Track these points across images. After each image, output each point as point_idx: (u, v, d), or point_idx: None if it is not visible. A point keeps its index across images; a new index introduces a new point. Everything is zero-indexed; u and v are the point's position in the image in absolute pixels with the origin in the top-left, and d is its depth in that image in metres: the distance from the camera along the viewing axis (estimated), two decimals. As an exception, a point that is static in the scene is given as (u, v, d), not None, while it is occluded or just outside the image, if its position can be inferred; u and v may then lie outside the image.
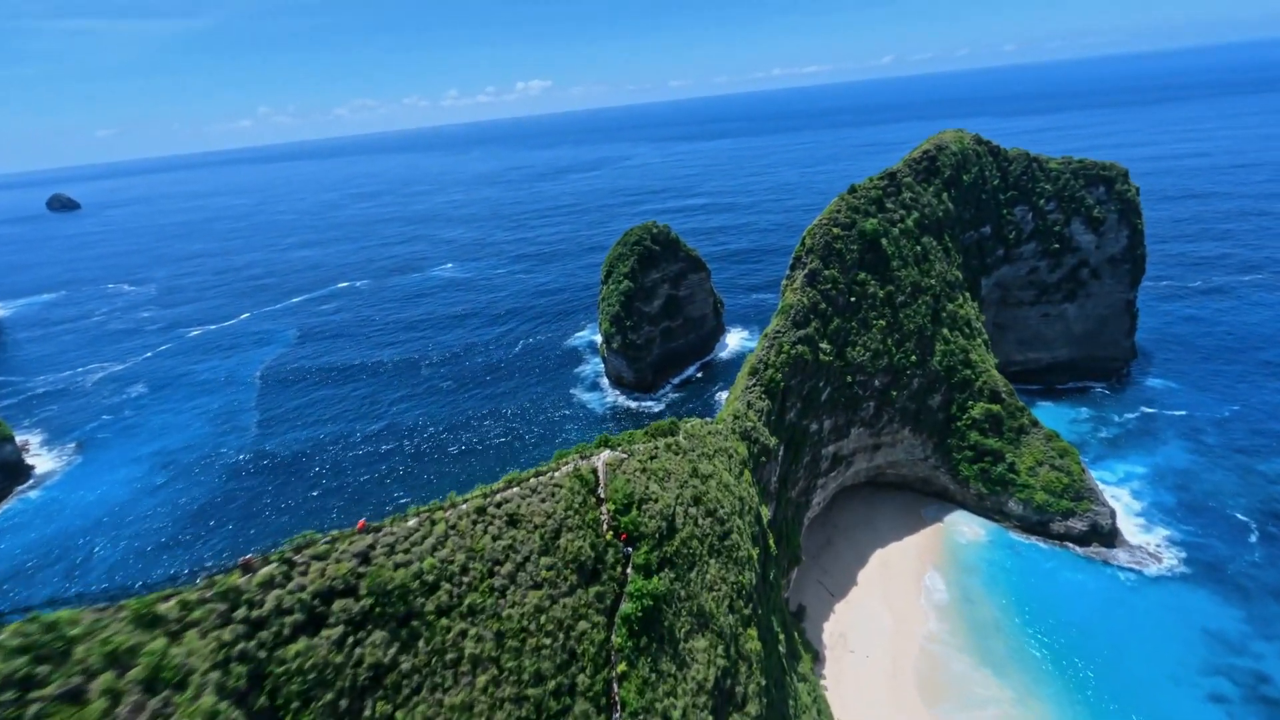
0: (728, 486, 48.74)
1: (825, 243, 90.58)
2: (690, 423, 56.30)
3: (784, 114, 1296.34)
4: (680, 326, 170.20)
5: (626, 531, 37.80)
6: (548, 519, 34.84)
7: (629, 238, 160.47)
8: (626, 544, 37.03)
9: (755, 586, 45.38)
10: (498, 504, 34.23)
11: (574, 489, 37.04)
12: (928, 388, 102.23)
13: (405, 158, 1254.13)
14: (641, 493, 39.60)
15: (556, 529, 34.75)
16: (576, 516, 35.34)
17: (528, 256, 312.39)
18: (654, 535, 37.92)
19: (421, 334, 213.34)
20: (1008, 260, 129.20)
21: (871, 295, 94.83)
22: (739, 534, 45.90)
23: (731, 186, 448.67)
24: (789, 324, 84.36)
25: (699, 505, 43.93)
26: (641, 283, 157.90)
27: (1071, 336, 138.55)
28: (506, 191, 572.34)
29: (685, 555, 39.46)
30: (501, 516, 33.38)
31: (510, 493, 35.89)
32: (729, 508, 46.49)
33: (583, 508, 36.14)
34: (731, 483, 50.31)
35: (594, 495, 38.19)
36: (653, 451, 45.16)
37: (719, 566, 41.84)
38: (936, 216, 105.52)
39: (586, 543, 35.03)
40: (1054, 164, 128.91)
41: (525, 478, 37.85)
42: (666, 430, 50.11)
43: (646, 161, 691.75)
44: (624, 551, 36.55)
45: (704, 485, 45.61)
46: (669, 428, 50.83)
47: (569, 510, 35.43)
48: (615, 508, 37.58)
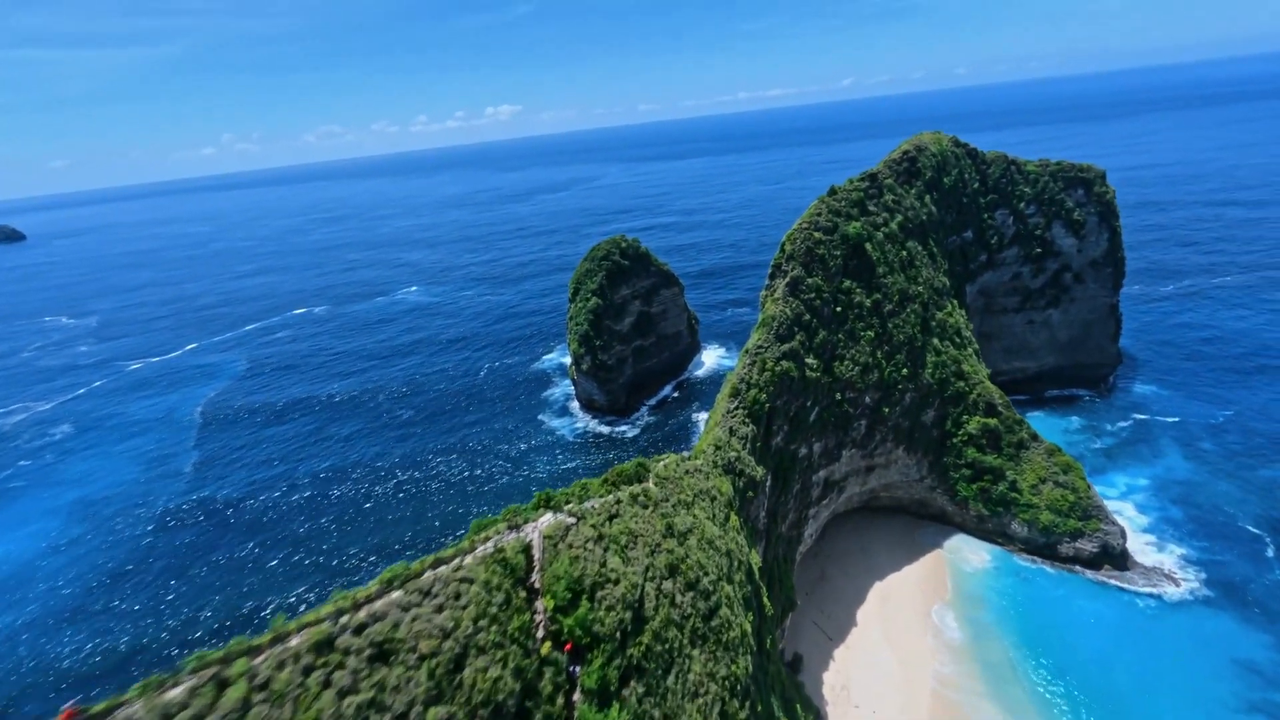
0: (712, 542, 38.76)
1: (807, 248, 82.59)
2: (663, 461, 46.44)
3: (750, 134, 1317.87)
4: (653, 345, 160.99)
5: (572, 639, 27.01)
6: (444, 640, 23.62)
7: (596, 252, 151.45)
8: (572, 659, 26.58)
9: (750, 674, 35.17)
10: (359, 628, 22.59)
11: (492, 582, 25.79)
12: (921, 403, 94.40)
13: (373, 183, 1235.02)
14: (595, 573, 28.97)
15: (459, 654, 23.37)
16: (494, 628, 23.78)
17: (495, 278, 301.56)
18: (613, 636, 27.09)
19: (381, 362, 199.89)
20: (990, 266, 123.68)
21: (858, 304, 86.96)
22: (729, 605, 35.90)
23: (702, 204, 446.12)
24: (772, 338, 75.60)
25: (676, 577, 33.41)
26: (611, 300, 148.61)
27: (1057, 343, 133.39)
28: (474, 213, 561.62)
29: (659, 654, 28.83)
30: (363, 649, 22.11)
31: (386, 602, 24.15)
32: (715, 572, 36.41)
33: (504, 611, 24.72)
34: (717, 535, 40.41)
35: (523, 587, 27.48)
36: (612, 508, 34.62)
37: (705, 658, 31.55)
38: (920, 220, 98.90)
39: (508, 670, 23.86)
40: (1032, 166, 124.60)
41: (416, 571, 26.41)
42: (631, 476, 39.74)
43: (616, 181, 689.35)
44: (568, 671, 25.34)
45: (682, 547, 35.34)
46: (634, 472, 40.44)
47: (481, 619, 24.16)
48: (555, 603, 26.96)
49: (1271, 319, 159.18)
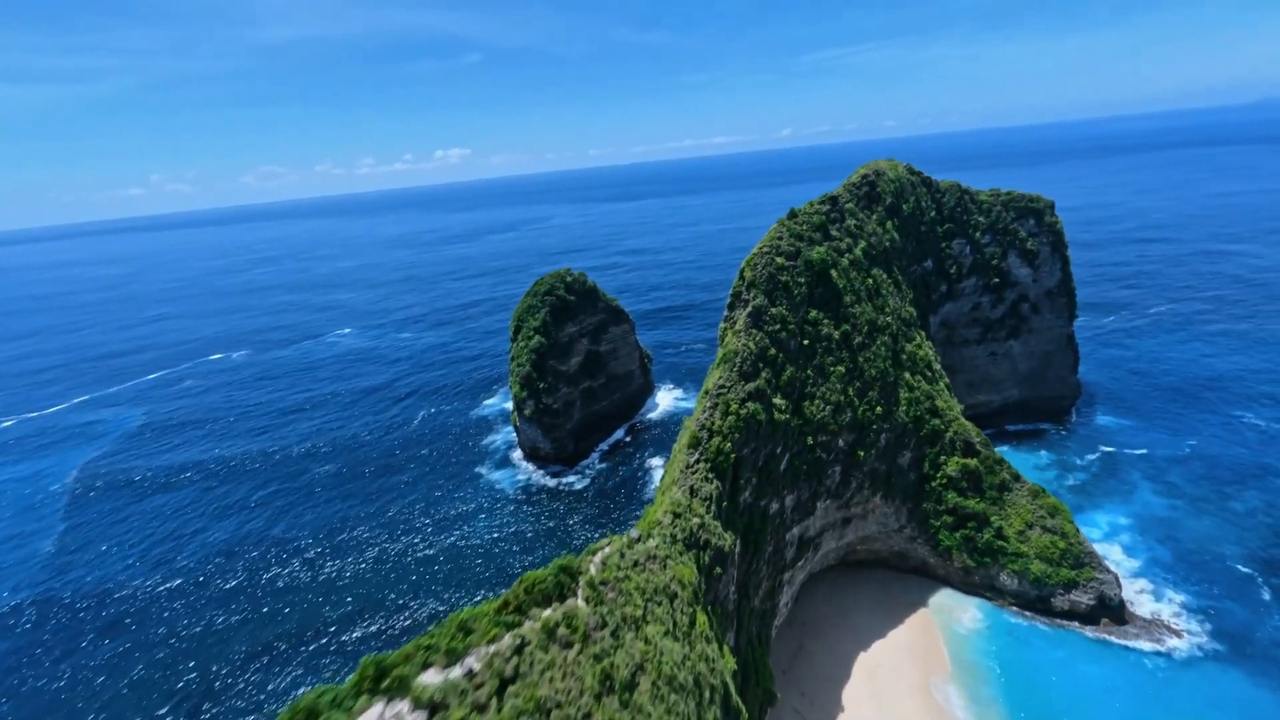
0: (673, 680, 26.65)
1: (769, 274, 73.93)
2: (600, 553, 34.31)
3: (697, 177, 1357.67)
4: (603, 386, 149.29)
5: None
6: None
7: (539, 287, 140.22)
8: None
9: None
10: None
11: None
12: (896, 444, 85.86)
13: (314, 223, 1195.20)
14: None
15: None
16: None
17: (437, 318, 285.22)
18: None
19: (301, 415, 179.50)
20: (951, 296, 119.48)
21: (826, 337, 78.46)
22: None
23: (652, 243, 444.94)
24: (735, 376, 65.44)
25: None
26: (556, 338, 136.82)
27: (1019, 375, 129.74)
28: (419, 253, 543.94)
29: None
30: None
31: None
32: (680, 726, 24.60)
33: None
34: (679, 656, 28.52)
35: None
36: (508, 661, 21.74)
37: None
38: (884, 247, 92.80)
39: None
40: (984, 196, 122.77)
41: None
42: (550, 591, 26.61)
43: (566, 222, 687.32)
44: None
45: (626, 711, 22.99)
46: (554, 584, 27.14)
47: None
48: None
49: (1206, 346, 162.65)
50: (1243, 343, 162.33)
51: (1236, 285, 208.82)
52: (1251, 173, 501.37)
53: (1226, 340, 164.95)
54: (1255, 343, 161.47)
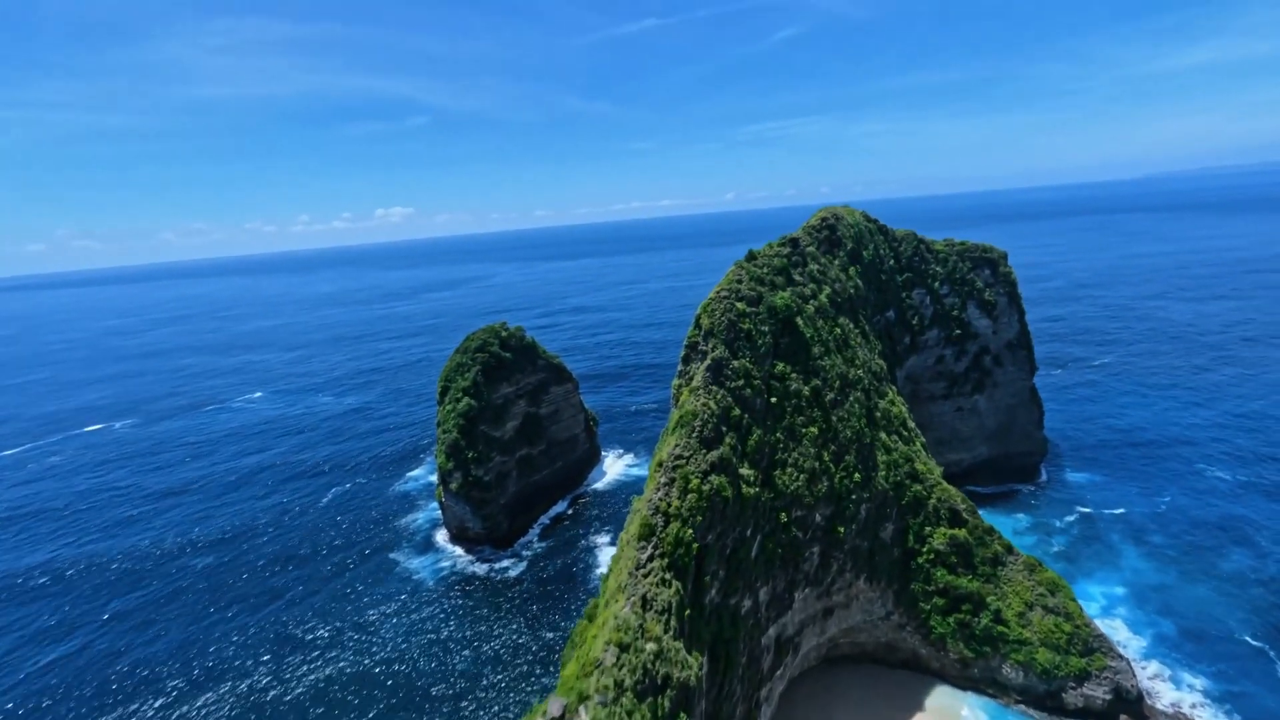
0: None
1: (729, 322, 64.92)
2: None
3: (644, 237, 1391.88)
4: (543, 453, 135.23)
5: None
6: None
7: (470, 343, 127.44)
8: None
9: None
10: None
11: None
12: (878, 515, 76.24)
13: (239, 280, 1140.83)
14: None
15: None
16: None
17: (363, 379, 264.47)
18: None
19: (185, 499, 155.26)
20: (915, 349, 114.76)
21: (795, 393, 69.36)
22: None
23: (599, 300, 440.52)
24: (694, 443, 54.62)
25: None
26: (488, 400, 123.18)
27: (986, 432, 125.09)
28: (351, 311, 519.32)
29: None
30: None
31: None
32: None
33: None
34: None
35: None
36: None
37: None
38: (848, 294, 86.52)
39: None
40: (939, 246, 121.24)
41: None
42: None
43: (510, 280, 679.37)
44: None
45: None
46: None
47: None
48: None
49: (1156, 397, 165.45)
50: (1187, 392, 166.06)
51: (1167, 337, 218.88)
52: (1155, 237, 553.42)
53: (1172, 390, 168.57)
54: (1198, 392, 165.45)
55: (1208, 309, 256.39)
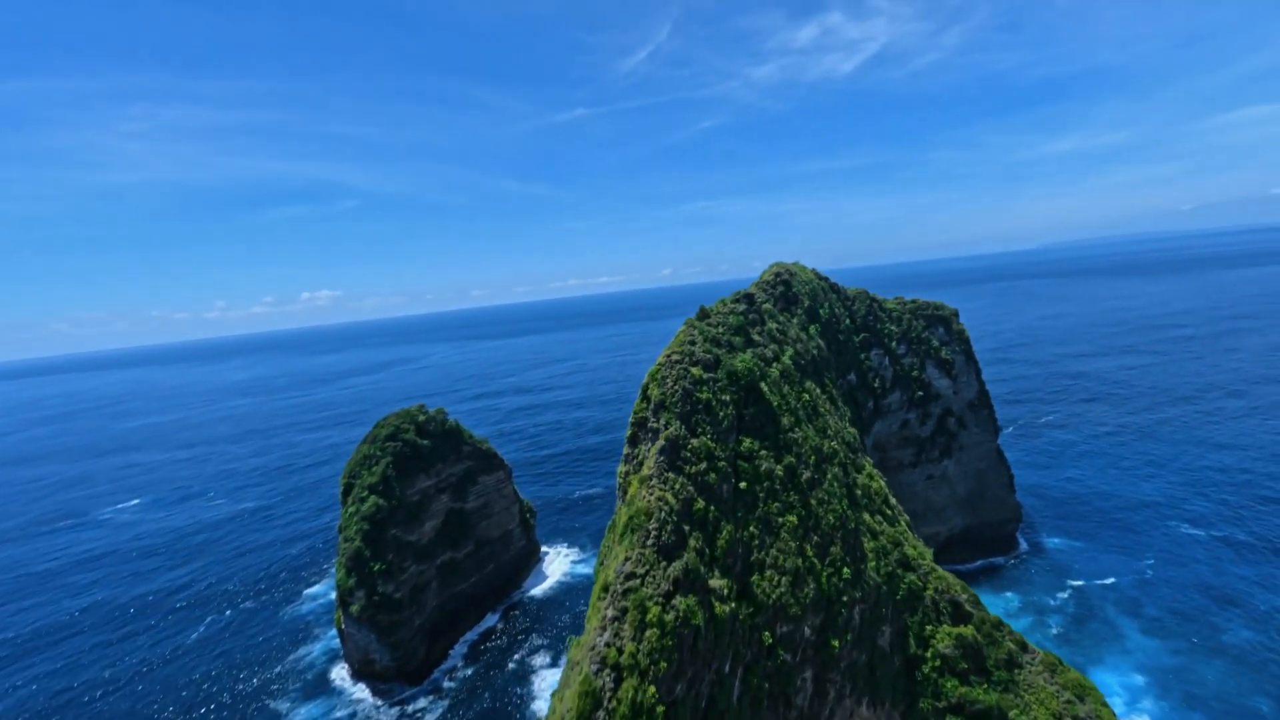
0: None
1: (684, 391, 53.64)
2: None
3: (584, 313, 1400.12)
4: (470, 556, 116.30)
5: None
6: None
7: (379, 431, 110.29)
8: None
9: None
10: None
11: None
12: (873, 618, 63.74)
13: (136, 372, 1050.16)
14: None
15: None
16: None
17: (267, 478, 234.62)
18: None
19: (9, 651, 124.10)
20: (879, 414, 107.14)
21: (768, 474, 57.81)
22: None
23: (538, 379, 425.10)
24: (650, 553, 41.45)
25: None
26: (402, 497, 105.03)
27: (958, 500, 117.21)
28: (263, 401, 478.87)
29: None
30: None
31: None
32: None
33: None
34: None
35: None
36: None
37: None
38: (811, 355, 77.81)
39: None
40: (891, 304, 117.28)
41: None
42: None
43: (443, 360, 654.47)
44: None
45: None
46: None
47: None
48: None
49: (1109, 449, 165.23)
50: (1136, 446, 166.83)
51: (1100, 393, 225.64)
52: (1058, 299, 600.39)
53: (1121, 444, 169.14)
54: (1146, 444, 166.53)
55: (1127, 362, 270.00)
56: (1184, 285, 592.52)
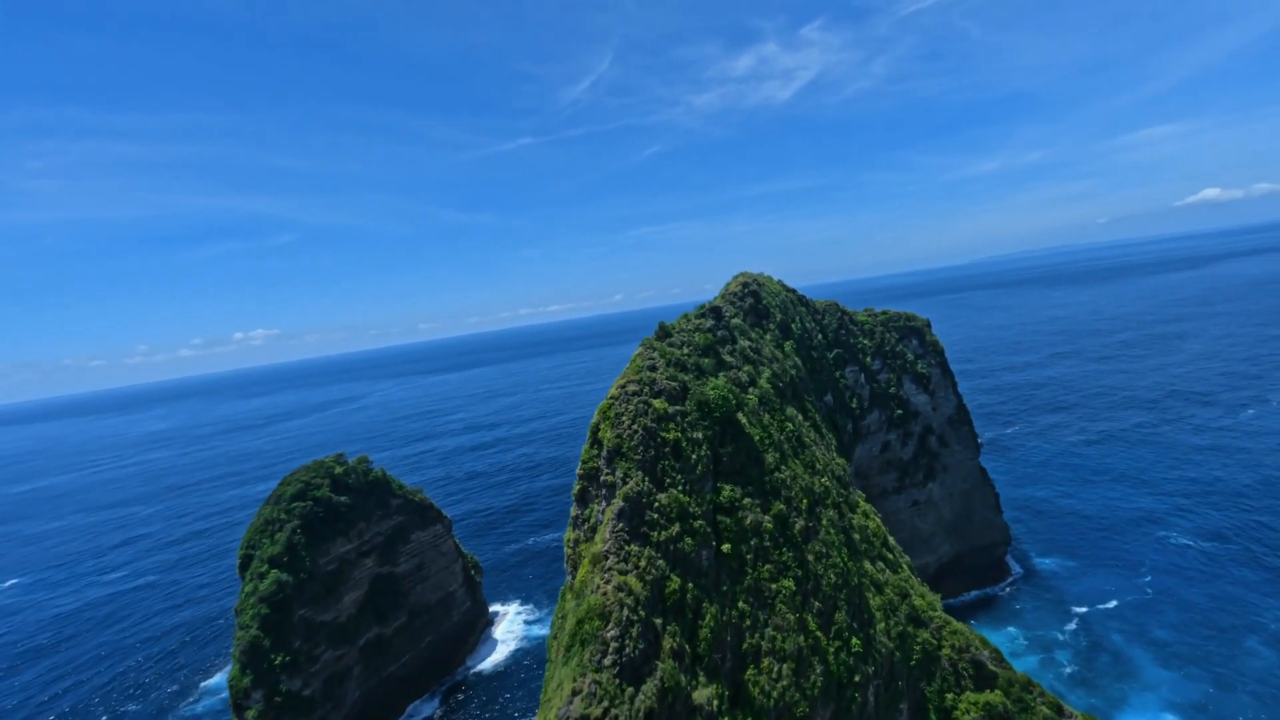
0: None
1: (645, 431, 42.02)
2: None
3: (536, 342, 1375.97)
4: (401, 630, 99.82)
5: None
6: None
7: (284, 489, 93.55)
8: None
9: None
10: None
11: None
12: (889, 697, 52.59)
13: (41, 427, 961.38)
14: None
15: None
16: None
17: (176, 543, 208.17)
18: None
19: None
20: (859, 437, 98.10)
21: (754, 528, 46.38)
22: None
23: (489, 415, 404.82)
24: (608, 677, 29.01)
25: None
26: (313, 567, 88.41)
27: (945, 525, 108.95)
28: (180, 452, 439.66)
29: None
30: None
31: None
32: None
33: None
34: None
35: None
36: None
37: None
38: (790, 376, 67.69)
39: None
40: (861, 317, 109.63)
41: None
42: None
43: (387, 398, 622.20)
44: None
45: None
46: None
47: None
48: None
49: (1080, 456, 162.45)
50: (1105, 452, 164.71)
51: (1060, 401, 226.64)
52: (1002, 309, 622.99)
53: (1089, 451, 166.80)
54: (1116, 449, 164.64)
55: (1078, 369, 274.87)
56: (1110, 292, 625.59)
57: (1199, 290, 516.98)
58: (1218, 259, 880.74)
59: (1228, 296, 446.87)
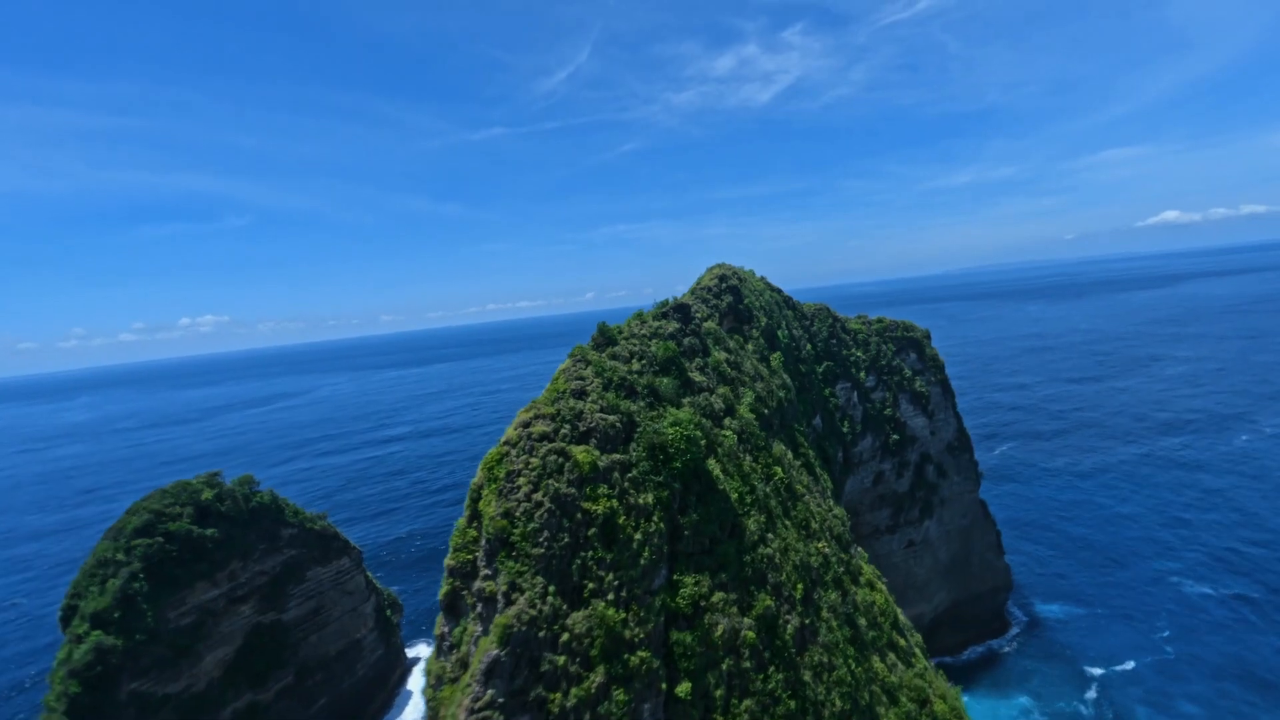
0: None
1: (553, 506, 25.80)
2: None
3: (502, 339, 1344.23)
4: (285, 694, 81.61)
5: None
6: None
7: (128, 521, 74.44)
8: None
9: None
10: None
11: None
12: None
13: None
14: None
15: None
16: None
17: (54, 566, 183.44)
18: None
19: None
20: (849, 468, 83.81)
21: (729, 640, 30.68)
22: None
23: (443, 415, 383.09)
24: None
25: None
26: (156, 625, 69.73)
27: (941, 568, 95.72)
28: (100, 448, 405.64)
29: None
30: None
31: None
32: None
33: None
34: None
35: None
36: None
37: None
38: (779, 400, 52.48)
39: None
40: (854, 324, 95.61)
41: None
42: None
43: (337, 393, 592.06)
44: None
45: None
46: None
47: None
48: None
49: (1073, 486, 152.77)
50: (1101, 482, 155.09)
51: (1046, 423, 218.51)
52: (979, 321, 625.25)
53: (1085, 480, 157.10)
54: (1111, 479, 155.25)
55: (1062, 391, 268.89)
56: (1083, 308, 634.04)
57: (1175, 309, 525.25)
58: (1181, 278, 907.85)
59: (1199, 317, 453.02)
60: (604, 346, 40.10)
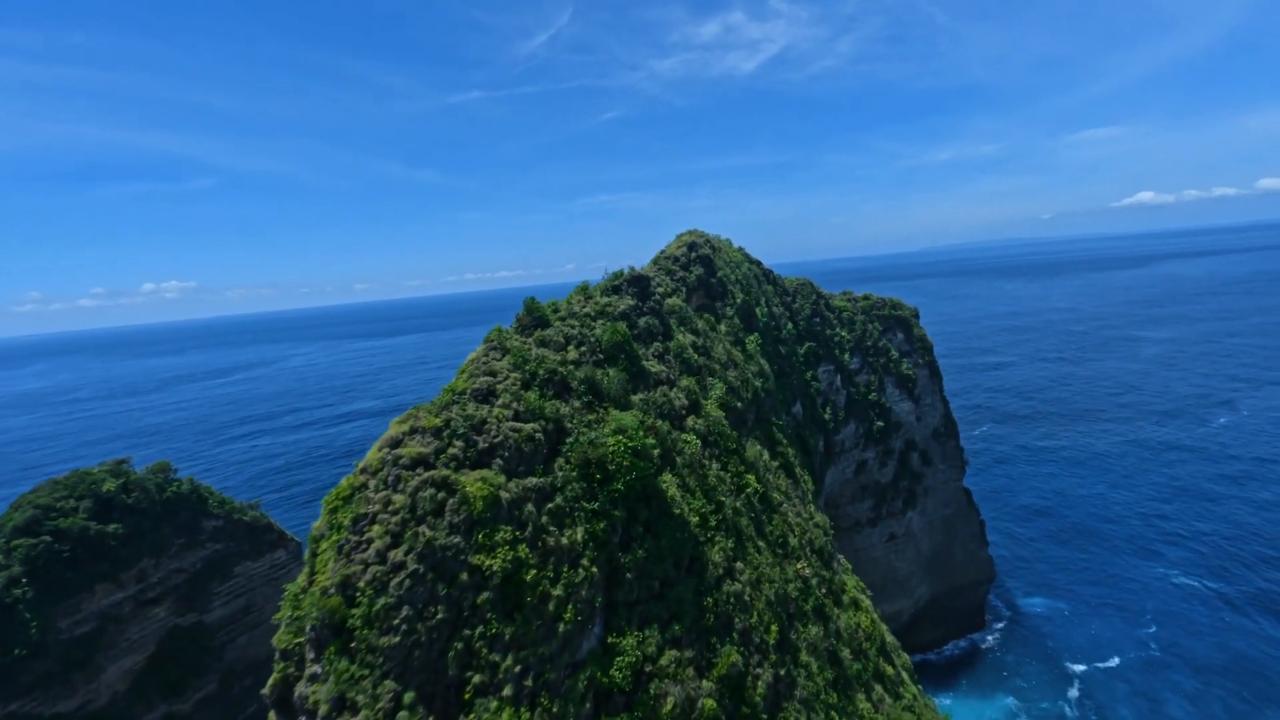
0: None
1: (421, 570, 17.85)
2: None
3: (480, 309, 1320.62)
4: (206, 703, 73.72)
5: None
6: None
7: (9, 518, 65.01)
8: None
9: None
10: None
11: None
12: None
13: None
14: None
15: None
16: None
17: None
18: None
19: None
20: (830, 458, 77.41)
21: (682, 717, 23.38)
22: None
23: (411, 384, 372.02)
24: None
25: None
26: (42, 636, 61.15)
27: (924, 562, 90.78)
28: (45, 419, 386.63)
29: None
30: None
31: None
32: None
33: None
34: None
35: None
36: None
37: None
38: (755, 390, 44.95)
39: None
40: (839, 301, 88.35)
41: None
42: None
43: (309, 362, 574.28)
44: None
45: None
46: None
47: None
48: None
49: (1052, 470, 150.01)
50: (1081, 465, 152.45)
51: (1026, 403, 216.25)
52: (958, 300, 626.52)
53: (1064, 463, 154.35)
54: (1092, 461, 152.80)
55: (1042, 371, 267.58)
56: (1060, 287, 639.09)
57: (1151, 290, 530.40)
58: (1156, 259, 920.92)
59: (1174, 298, 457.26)
60: (532, 329, 32.00)
